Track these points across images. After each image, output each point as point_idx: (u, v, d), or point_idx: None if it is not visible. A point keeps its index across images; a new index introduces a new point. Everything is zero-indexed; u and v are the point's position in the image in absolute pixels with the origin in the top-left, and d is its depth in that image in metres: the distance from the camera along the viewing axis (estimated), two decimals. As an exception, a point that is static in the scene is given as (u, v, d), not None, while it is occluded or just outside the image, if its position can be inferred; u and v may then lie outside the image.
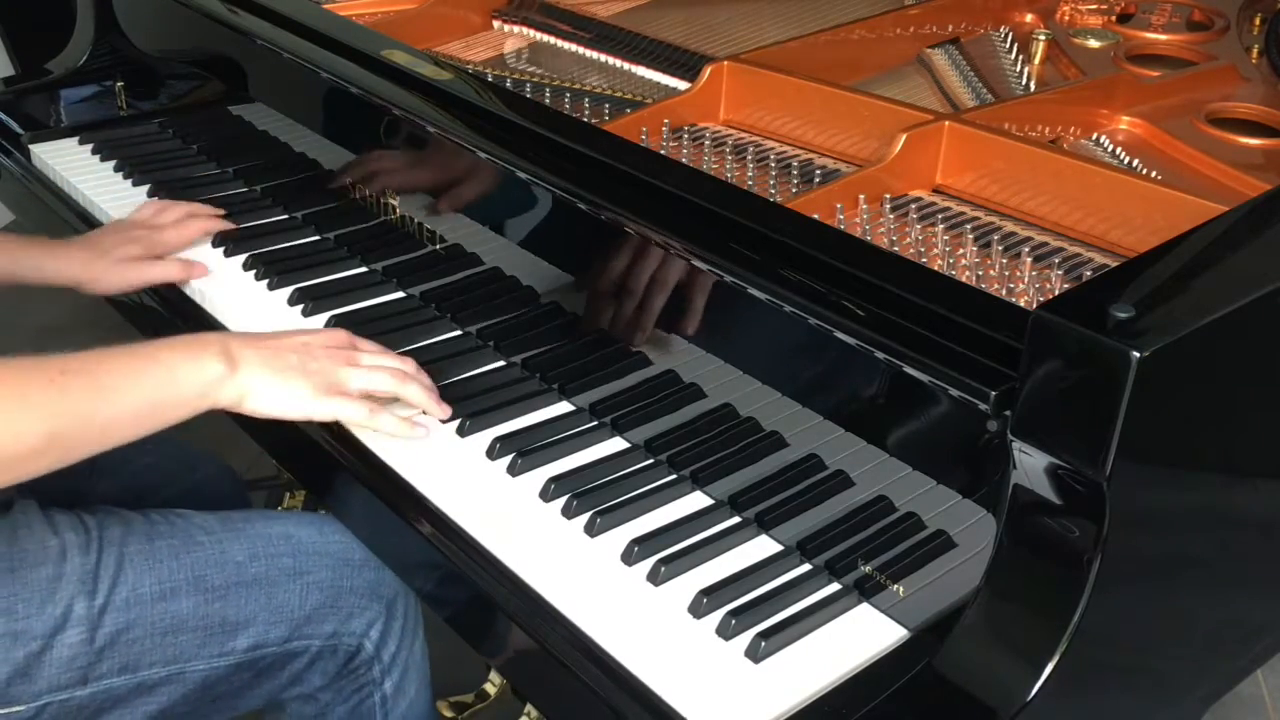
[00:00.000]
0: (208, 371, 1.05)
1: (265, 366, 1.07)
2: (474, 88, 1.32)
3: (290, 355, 1.09)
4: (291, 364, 1.09)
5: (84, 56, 1.86)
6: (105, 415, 1.00)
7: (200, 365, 1.05)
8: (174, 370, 1.04)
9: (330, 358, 1.11)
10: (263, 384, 1.07)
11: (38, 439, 0.96)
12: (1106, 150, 1.29)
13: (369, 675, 1.22)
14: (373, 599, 1.20)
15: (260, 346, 1.09)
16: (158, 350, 1.05)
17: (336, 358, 1.12)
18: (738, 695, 0.90)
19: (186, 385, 1.04)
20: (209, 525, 1.16)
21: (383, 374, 1.13)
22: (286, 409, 1.09)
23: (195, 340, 1.07)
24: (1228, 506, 0.96)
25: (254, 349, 1.08)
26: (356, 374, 1.12)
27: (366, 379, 1.12)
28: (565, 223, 1.19)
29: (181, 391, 1.04)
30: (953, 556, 0.94)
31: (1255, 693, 1.98)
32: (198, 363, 1.05)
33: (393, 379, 1.13)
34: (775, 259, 1.01)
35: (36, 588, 1.05)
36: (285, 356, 1.09)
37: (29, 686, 1.04)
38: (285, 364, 1.09)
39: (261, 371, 1.07)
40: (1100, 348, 0.76)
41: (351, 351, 1.14)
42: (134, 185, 1.63)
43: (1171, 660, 1.00)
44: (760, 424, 1.06)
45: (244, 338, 1.10)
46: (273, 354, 1.09)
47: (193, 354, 1.05)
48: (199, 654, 1.12)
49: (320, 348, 1.12)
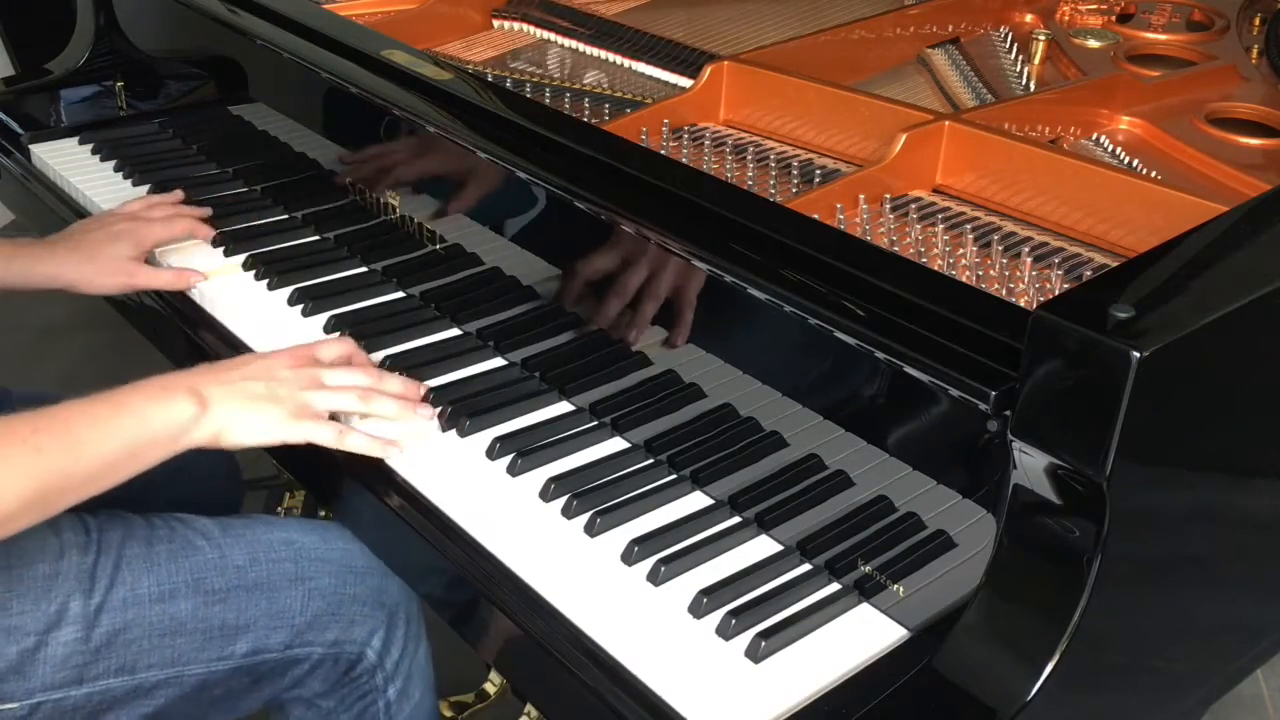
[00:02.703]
0: (179, 413, 1.05)
1: (234, 400, 1.08)
2: (474, 88, 1.32)
3: (257, 384, 1.10)
4: (259, 393, 1.09)
5: (84, 56, 1.86)
6: (82, 469, 1.00)
7: (170, 408, 1.05)
8: (146, 416, 1.04)
9: (295, 381, 1.11)
10: (235, 418, 1.07)
11: (15, 501, 0.95)
12: (1106, 150, 1.29)
13: (372, 683, 1.21)
14: (375, 607, 1.19)
15: (226, 381, 1.09)
16: (127, 397, 1.05)
17: (301, 380, 1.12)
18: (738, 695, 0.90)
19: (160, 429, 1.04)
20: (209, 530, 1.16)
21: (347, 394, 1.13)
22: (261, 437, 1.09)
23: (162, 383, 1.07)
24: (1228, 506, 0.96)
25: (221, 385, 1.08)
26: (321, 396, 1.12)
27: (331, 400, 1.12)
28: (565, 223, 1.19)
29: (155, 435, 1.04)
30: (953, 556, 0.94)
31: (1255, 693, 1.98)
32: (168, 406, 1.05)
33: (357, 398, 1.13)
34: (775, 259, 1.01)
35: (32, 584, 1.05)
36: (252, 386, 1.09)
37: (22, 684, 1.04)
38: (253, 394, 1.09)
39: (231, 406, 1.07)
40: (1100, 348, 0.76)
41: (314, 370, 1.13)
42: (134, 185, 1.63)
43: (1171, 660, 1.00)
44: (760, 424, 1.06)
45: (209, 374, 1.10)
46: (239, 385, 1.09)
47: (162, 398, 1.05)
48: (197, 657, 1.11)
49: (284, 369, 1.12)
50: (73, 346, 2.68)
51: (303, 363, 1.14)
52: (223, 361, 1.14)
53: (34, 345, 2.70)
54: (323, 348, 1.17)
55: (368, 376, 1.16)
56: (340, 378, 1.14)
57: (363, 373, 1.16)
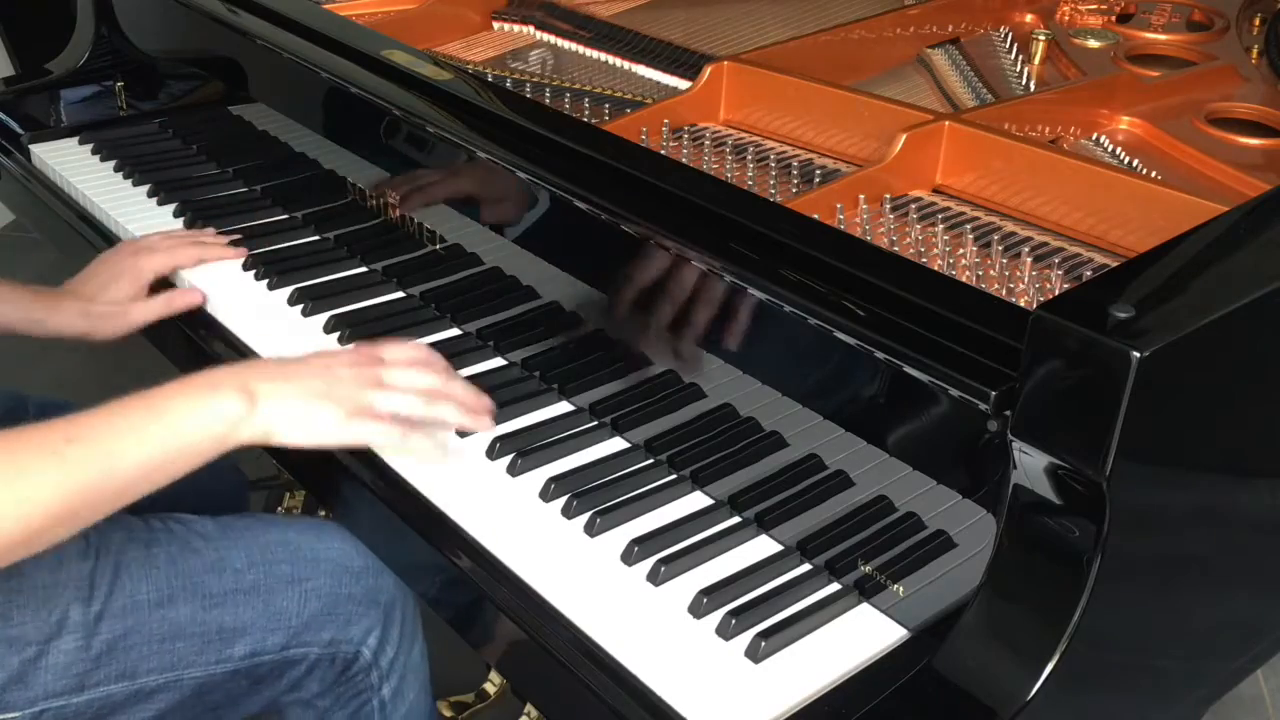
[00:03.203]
0: (226, 411, 0.99)
1: (285, 397, 1.01)
2: (474, 88, 1.32)
3: (312, 380, 1.03)
4: (314, 390, 1.02)
5: (84, 56, 1.86)
6: (118, 479, 0.95)
7: (217, 406, 0.99)
8: (189, 418, 0.98)
9: (355, 380, 1.04)
10: (286, 416, 1.01)
11: (48, 516, 0.91)
12: (1106, 150, 1.29)
13: (367, 681, 1.21)
14: (371, 605, 1.19)
15: (278, 376, 1.03)
16: (170, 399, 0.98)
17: (362, 379, 1.05)
18: (738, 695, 0.90)
19: (204, 430, 0.98)
20: (208, 532, 1.16)
21: (409, 396, 1.06)
22: (314, 438, 1.02)
23: (210, 379, 1.01)
24: (1227, 506, 0.96)
25: (272, 380, 1.02)
26: (381, 396, 1.05)
27: (392, 401, 1.05)
28: (565, 223, 1.19)
29: (199, 438, 0.98)
30: (953, 556, 0.94)
31: (1255, 693, 1.98)
32: (214, 404, 0.99)
33: (422, 402, 1.07)
34: (775, 259, 1.01)
35: (32, 593, 1.04)
36: (306, 382, 1.03)
37: (24, 692, 1.04)
38: (307, 390, 1.02)
39: (282, 403, 1.01)
40: (1100, 348, 0.76)
41: (377, 370, 1.06)
42: (134, 185, 1.63)
43: (1171, 660, 1.00)
44: (760, 424, 1.06)
45: (261, 369, 1.04)
46: (293, 382, 1.02)
47: (207, 396, 0.99)
48: (196, 661, 1.11)
49: (344, 368, 1.05)
50: (73, 347, 2.67)
51: (365, 361, 1.07)
52: (277, 358, 1.08)
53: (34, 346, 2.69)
54: (389, 348, 1.10)
55: (435, 378, 1.09)
56: (404, 378, 1.07)
57: (430, 373, 1.09)
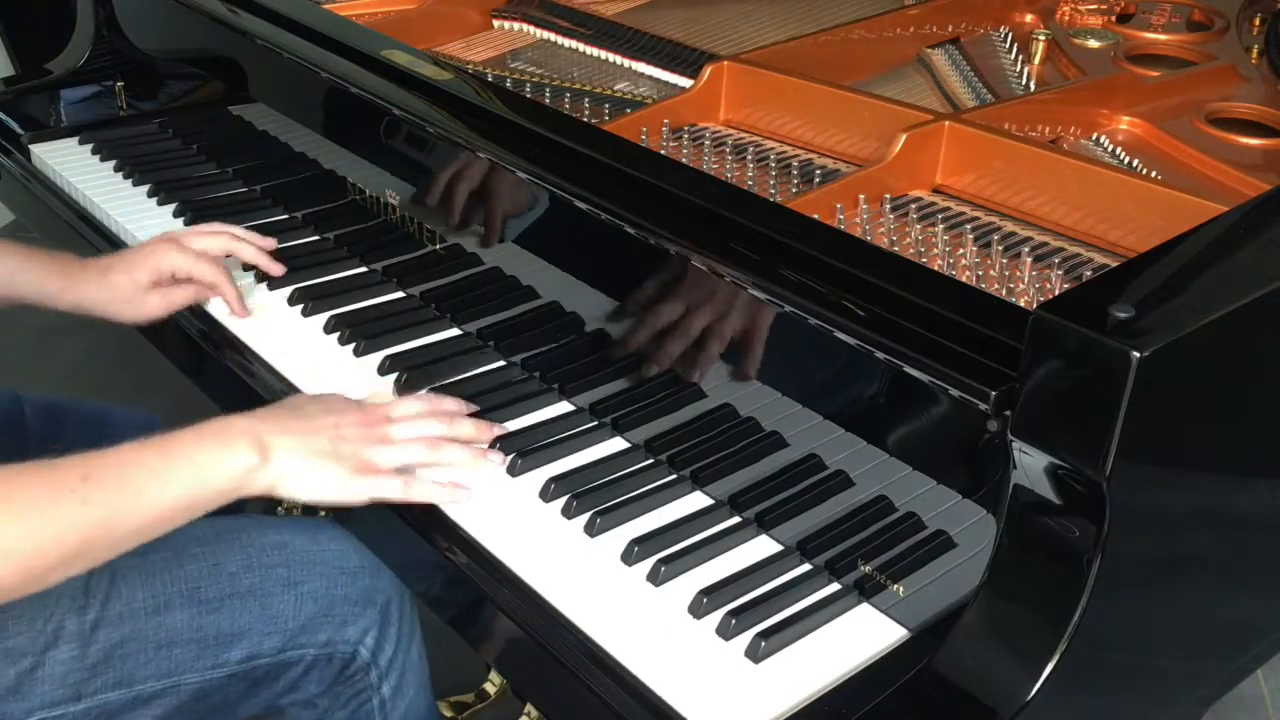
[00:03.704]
0: (239, 463, 1.01)
1: (296, 454, 1.03)
2: (474, 88, 1.32)
3: (321, 439, 1.05)
4: (323, 449, 1.05)
5: (84, 56, 1.86)
6: (131, 520, 0.96)
7: (231, 458, 1.01)
8: (204, 466, 1.00)
9: (361, 440, 1.07)
10: (295, 473, 1.03)
11: (60, 553, 0.91)
12: (1106, 150, 1.29)
13: (366, 680, 1.21)
14: (367, 605, 1.19)
15: (291, 431, 1.05)
16: (184, 446, 1.00)
17: (369, 438, 1.07)
18: (738, 695, 0.90)
19: (217, 479, 1.00)
20: (203, 535, 1.15)
21: (414, 446, 1.09)
22: (320, 496, 1.05)
23: (225, 430, 1.03)
24: (1228, 506, 0.96)
25: (286, 435, 1.04)
26: (386, 453, 1.07)
27: (397, 456, 1.08)
28: (564, 222, 1.19)
29: (212, 486, 1.00)
30: (953, 556, 0.94)
31: (1255, 693, 1.98)
32: (228, 455, 1.01)
33: (427, 449, 1.09)
34: (775, 259, 1.01)
35: (27, 604, 1.03)
36: (316, 441, 1.05)
37: (21, 704, 1.04)
38: (317, 449, 1.04)
39: (293, 460, 1.03)
40: (1100, 348, 0.76)
41: (383, 427, 1.09)
42: (134, 185, 1.63)
43: (1171, 660, 1.00)
44: (760, 424, 1.06)
45: (273, 421, 1.06)
46: (303, 440, 1.04)
47: (223, 446, 1.01)
48: (193, 666, 1.11)
49: (351, 427, 1.07)
50: (73, 346, 2.68)
51: (372, 421, 1.09)
52: (287, 404, 1.10)
53: (34, 345, 2.70)
54: (397, 404, 1.13)
55: (441, 426, 1.11)
56: (409, 430, 1.10)
57: (435, 422, 1.11)
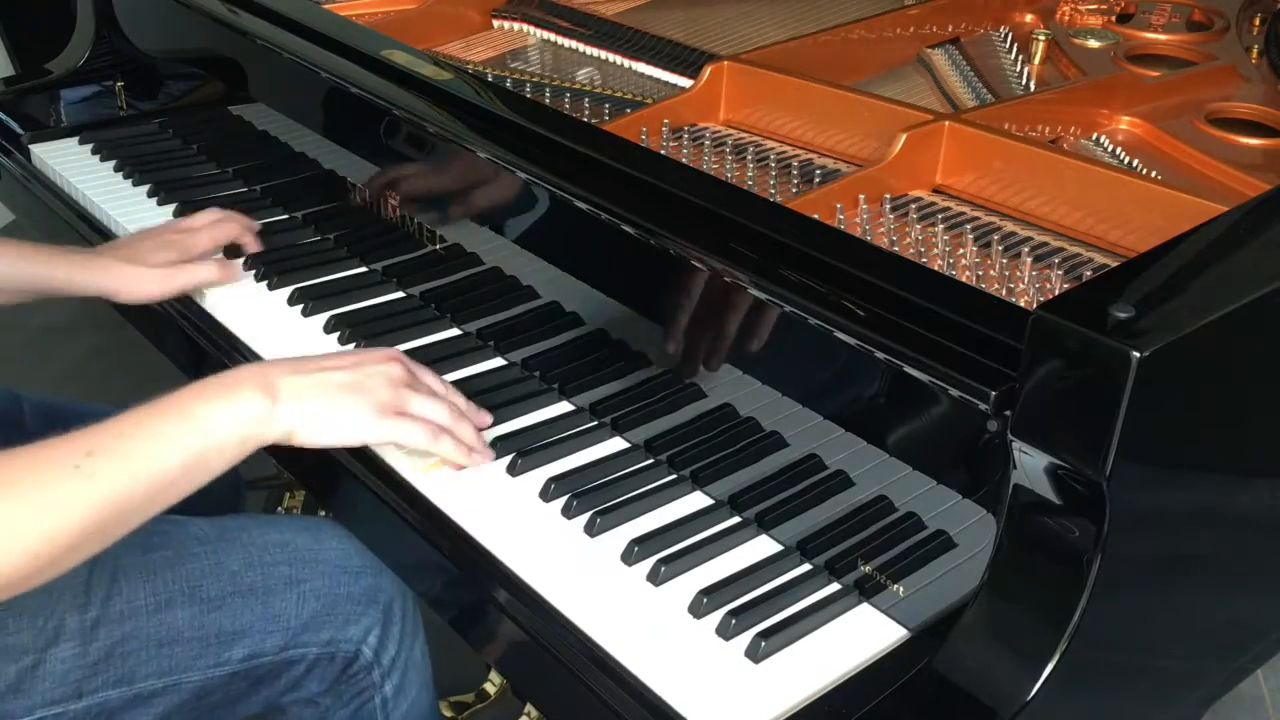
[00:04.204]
0: (247, 411, 0.96)
1: (310, 392, 0.98)
2: (474, 88, 1.32)
3: (338, 374, 1.00)
4: (341, 382, 0.99)
5: (84, 56, 1.86)
6: (142, 490, 0.92)
7: (237, 406, 0.96)
8: (209, 420, 0.95)
9: (384, 374, 1.02)
10: (310, 413, 0.98)
11: (72, 534, 0.88)
12: (1106, 150, 1.29)
13: (369, 680, 1.21)
14: (370, 605, 1.19)
15: (301, 370, 0.99)
16: (188, 402, 0.95)
17: (391, 373, 1.03)
18: (738, 695, 0.90)
19: (225, 432, 0.95)
20: (204, 534, 1.16)
21: (439, 404, 1.04)
22: (341, 436, 1.00)
23: (229, 378, 0.97)
24: (1228, 506, 0.96)
25: (296, 374, 0.98)
26: (414, 398, 1.03)
27: (423, 406, 1.03)
28: (565, 223, 1.19)
29: (221, 440, 0.95)
30: (953, 556, 0.94)
31: (1255, 693, 1.98)
32: (234, 404, 0.96)
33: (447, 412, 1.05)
34: (775, 259, 1.01)
35: (27, 602, 1.02)
36: (332, 375, 1.00)
37: (22, 701, 1.04)
38: (334, 384, 0.99)
39: (306, 399, 0.97)
40: (1100, 348, 0.76)
41: (407, 369, 1.04)
42: (134, 185, 1.63)
43: (1171, 660, 1.00)
44: (760, 424, 1.06)
45: (285, 364, 1.00)
46: (318, 378, 0.99)
47: (227, 395, 0.96)
48: (195, 665, 1.11)
49: (372, 363, 1.03)
50: (74, 346, 2.68)
51: (394, 360, 1.04)
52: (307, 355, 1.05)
53: (35, 345, 2.70)
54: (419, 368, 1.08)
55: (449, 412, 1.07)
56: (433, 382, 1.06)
57: (445, 406, 1.07)
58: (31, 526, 0.87)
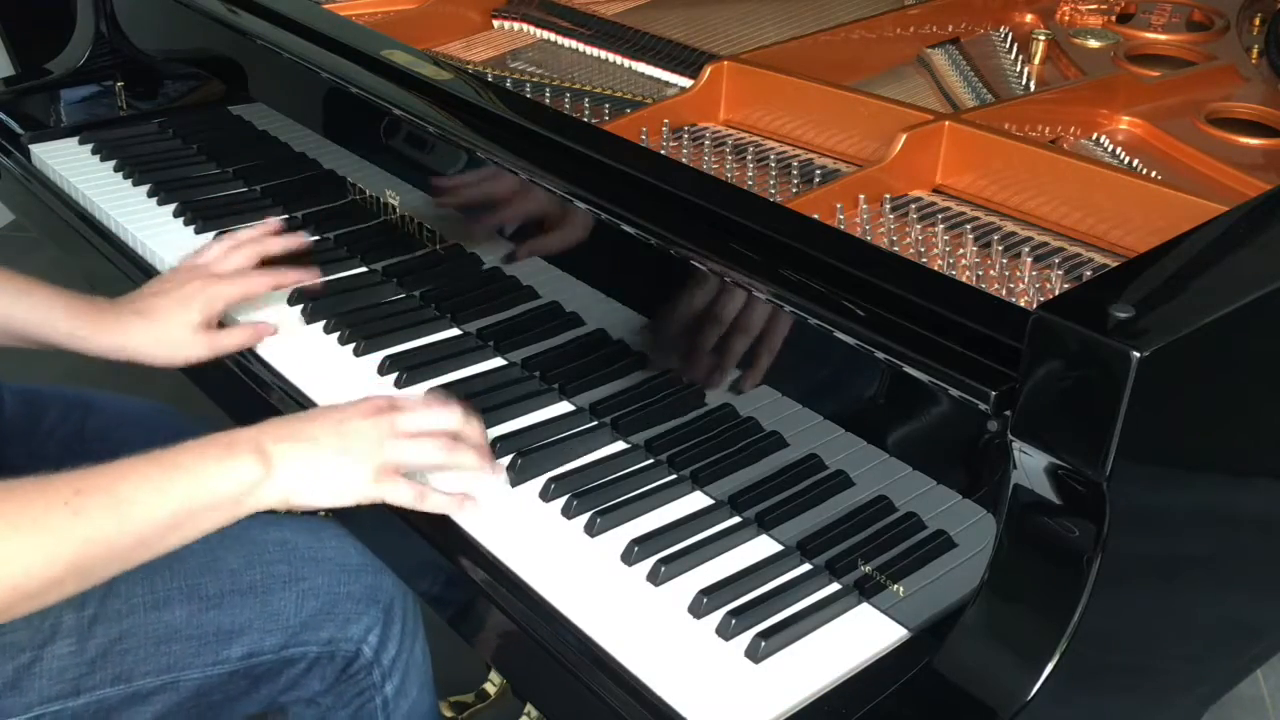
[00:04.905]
0: (241, 475, 0.97)
1: (303, 458, 1.00)
2: (474, 88, 1.32)
3: (328, 438, 1.02)
4: (332, 448, 1.02)
5: (84, 56, 1.86)
6: (128, 536, 0.92)
7: (232, 470, 0.97)
8: (203, 477, 0.96)
9: (373, 431, 1.03)
10: (304, 480, 1.00)
11: (54, 570, 0.88)
12: (1106, 150, 1.29)
13: (369, 679, 1.21)
14: (370, 604, 1.19)
15: (293, 436, 1.01)
16: (182, 456, 0.96)
17: (379, 429, 1.04)
18: (738, 695, 0.90)
19: (218, 493, 0.96)
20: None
21: (428, 444, 1.05)
22: (334, 500, 1.02)
23: (227, 441, 0.99)
24: (1228, 506, 0.96)
25: (289, 442, 1.00)
26: (400, 448, 1.04)
27: (413, 452, 1.05)
28: (565, 223, 1.19)
29: (214, 499, 0.96)
30: (953, 556, 0.94)
31: (1255, 693, 1.98)
32: (230, 467, 0.97)
33: (440, 449, 1.05)
34: (775, 259, 1.01)
35: None
36: (322, 442, 1.02)
37: (20, 698, 1.04)
38: (325, 449, 1.01)
39: (300, 466, 1.00)
40: (1100, 348, 0.76)
41: (392, 416, 1.05)
42: (134, 185, 1.63)
43: (1171, 660, 1.00)
44: (760, 424, 1.06)
45: (275, 429, 1.02)
46: (309, 444, 1.01)
47: (223, 458, 0.97)
48: (193, 663, 1.11)
49: (357, 420, 1.04)
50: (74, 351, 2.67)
51: (379, 409, 1.05)
52: (293, 415, 1.06)
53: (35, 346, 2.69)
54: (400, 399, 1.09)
55: (449, 419, 1.07)
56: (420, 420, 1.06)
57: (445, 416, 1.07)
58: (13, 557, 0.87)
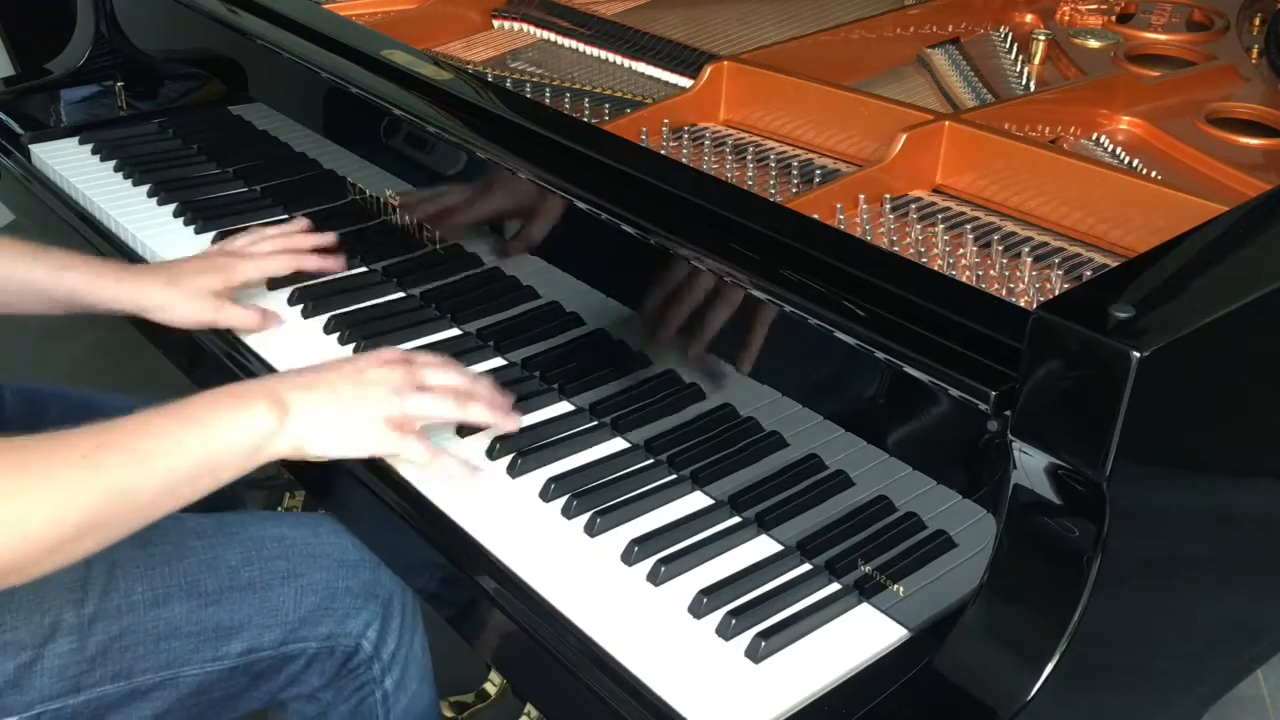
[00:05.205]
0: (257, 424, 0.98)
1: (318, 408, 1.00)
2: (474, 88, 1.32)
3: (344, 387, 1.02)
4: (346, 398, 1.01)
5: (84, 56, 1.86)
6: (147, 489, 0.93)
7: (247, 419, 0.98)
8: (219, 429, 0.96)
9: (387, 382, 1.04)
10: (319, 429, 1.00)
11: (74, 524, 0.89)
12: (1106, 150, 1.29)
13: (369, 674, 1.22)
14: (369, 599, 1.19)
15: (309, 384, 1.01)
16: (199, 409, 0.97)
17: (393, 381, 1.04)
18: (738, 695, 0.90)
19: (235, 443, 0.97)
20: (202, 529, 1.16)
21: (443, 399, 1.06)
22: (350, 449, 1.02)
23: (240, 390, 1.00)
24: (1228, 506, 0.96)
25: (303, 390, 1.00)
26: (416, 401, 1.04)
27: (427, 405, 1.05)
28: (565, 222, 1.19)
29: (230, 450, 0.97)
30: (953, 556, 0.94)
31: (1255, 693, 1.98)
32: (244, 416, 0.98)
33: (454, 404, 1.06)
34: (775, 259, 1.01)
35: (24, 598, 1.03)
36: (338, 390, 1.01)
37: (21, 696, 1.04)
38: (341, 398, 1.01)
39: (315, 415, 1.00)
40: (1100, 348, 0.76)
41: (407, 369, 1.05)
42: (134, 185, 1.63)
43: (1171, 660, 1.00)
44: (760, 424, 1.06)
45: (292, 379, 1.02)
46: (325, 392, 1.01)
47: (238, 407, 0.98)
48: (193, 659, 1.11)
49: (373, 368, 1.04)
50: (73, 346, 2.68)
51: (394, 361, 1.06)
52: (308, 365, 1.06)
53: (35, 345, 2.70)
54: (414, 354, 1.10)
55: (463, 377, 1.09)
56: (436, 376, 1.06)
57: (457, 373, 1.09)
58: (35, 511, 0.88)
